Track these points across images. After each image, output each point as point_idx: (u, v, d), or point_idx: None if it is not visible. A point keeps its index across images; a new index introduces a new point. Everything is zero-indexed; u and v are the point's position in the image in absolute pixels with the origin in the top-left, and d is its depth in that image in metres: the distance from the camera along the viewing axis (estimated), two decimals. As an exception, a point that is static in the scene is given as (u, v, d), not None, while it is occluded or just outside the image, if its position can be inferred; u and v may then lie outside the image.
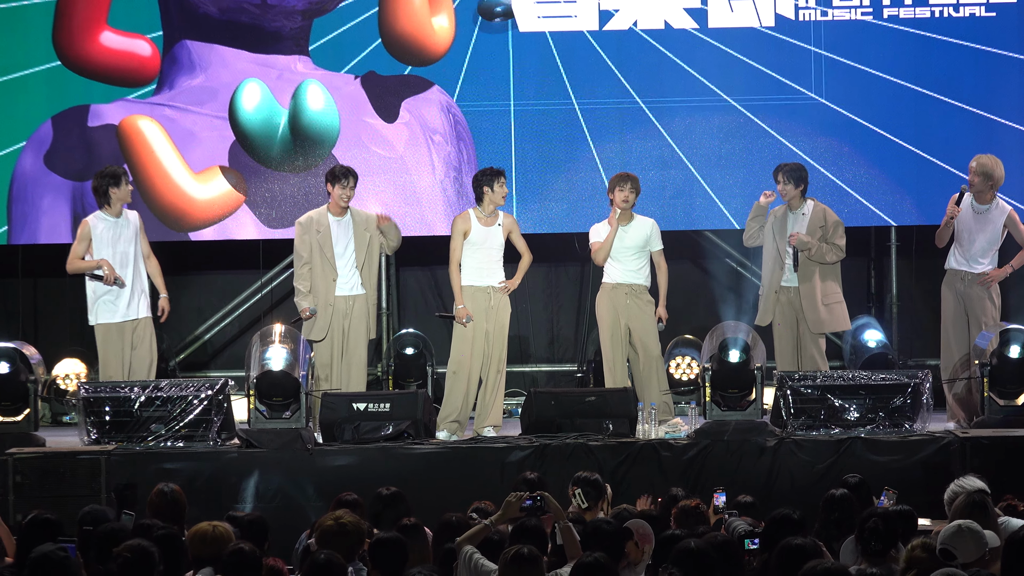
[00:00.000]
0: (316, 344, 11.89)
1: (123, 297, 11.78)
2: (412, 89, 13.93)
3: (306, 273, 11.95)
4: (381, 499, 8.71)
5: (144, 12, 13.93)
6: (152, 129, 13.85)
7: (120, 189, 11.81)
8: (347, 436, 11.21)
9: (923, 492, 10.15)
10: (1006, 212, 12.06)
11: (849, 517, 8.34)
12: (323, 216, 11.99)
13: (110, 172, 11.89)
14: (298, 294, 11.99)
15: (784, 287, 12.10)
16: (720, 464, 10.96)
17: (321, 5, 13.94)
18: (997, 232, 12.03)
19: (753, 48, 13.84)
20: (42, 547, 6.92)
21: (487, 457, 11.04)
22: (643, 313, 12.02)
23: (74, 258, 11.82)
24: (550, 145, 13.92)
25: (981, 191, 12.01)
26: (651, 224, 12.16)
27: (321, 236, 11.93)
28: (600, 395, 11.64)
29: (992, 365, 11.36)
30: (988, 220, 12.03)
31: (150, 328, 11.91)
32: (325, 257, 11.93)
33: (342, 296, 11.95)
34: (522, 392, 13.68)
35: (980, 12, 13.80)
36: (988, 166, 12.00)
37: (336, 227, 11.97)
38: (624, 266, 12.07)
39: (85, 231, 11.81)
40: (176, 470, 10.72)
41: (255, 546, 7.29)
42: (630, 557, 7.75)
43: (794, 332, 12.10)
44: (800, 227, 12.04)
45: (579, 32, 13.89)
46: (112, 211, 11.83)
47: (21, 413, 11.56)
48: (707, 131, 13.90)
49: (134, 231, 11.87)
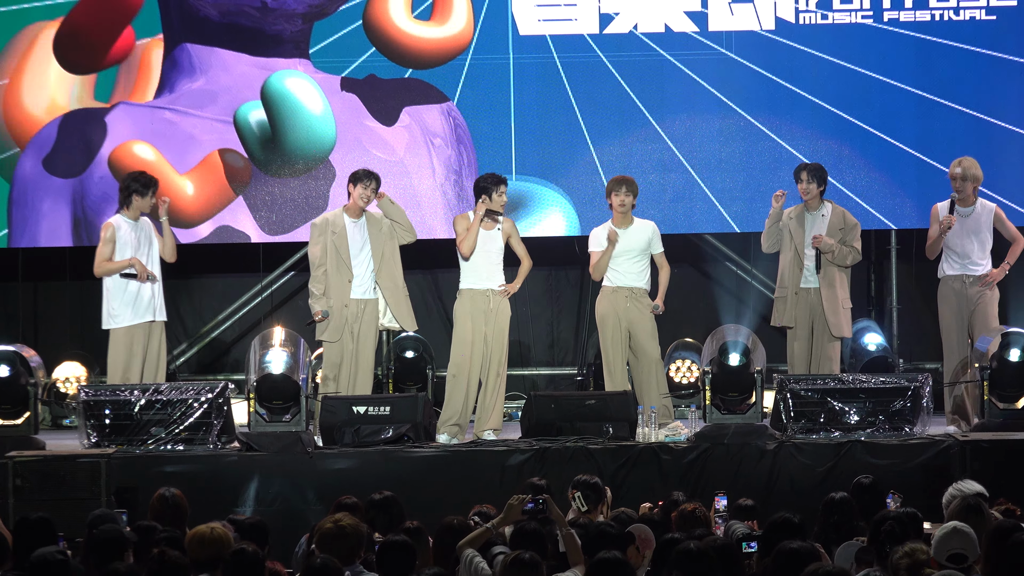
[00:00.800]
0: (327, 343, 11.91)
1: (140, 301, 11.77)
2: (412, 93, 13.94)
3: (321, 275, 11.94)
4: (374, 504, 8.70)
5: (144, 14, 13.93)
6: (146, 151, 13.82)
7: (144, 200, 11.82)
8: (347, 439, 11.20)
9: (923, 495, 10.12)
10: (991, 209, 12.08)
11: (848, 521, 8.34)
12: (339, 217, 11.99)
13: (142, 179, 11.87)
14: (312, 296, 11.98)
15: (804, 289, 12.08)
16: (720, 467, 10.95)
17: (321, 8, 13.94)
18: (988, 232, 12.05)
19: (753, 51, 13.85)
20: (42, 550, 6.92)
21: (487, 460, 11.04)
22: (643, 316, 12.02)
23: (102, 260, 11.80)
24: (550, 148, 13.92)
25: (967, 195, 12.03)
26: (651, 227, 12.16)
27: (337, 237, 11.92)
28: (600, 398, 11.63)
29: (992, 368, 11.35)
30: (977, 222, 12.04)
31: (163, 333, 11.92)
32: (341, 258, 11.92)
33: (356, 299, 11.96)
34: (522, 395, 13.67)
35: (980, 16, 13.80)
36: (973, 168, 12.02)
37: (352, 228, 11.97)
38: (624, 269, 12.06)
39: (110, 233, 11.80)
40: (176, 473, 10.72)
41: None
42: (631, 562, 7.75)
43: (810, 334, 12.08)
44: (820, 228, 12.02)
45: (579, 35, 13.89)
46: (132, 215, 11.85)
47: (21, 416, 11.55)
48: (707, 134, 13.90)
49: (149, 236, 11.88)
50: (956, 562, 6.98)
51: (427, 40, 13.92)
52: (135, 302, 11.75)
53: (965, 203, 12.05)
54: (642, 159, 13.80)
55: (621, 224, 12.11)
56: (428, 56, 13.92)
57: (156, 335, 11.86)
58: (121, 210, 11.87)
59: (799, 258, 12.07)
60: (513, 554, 6.99)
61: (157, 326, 11.86)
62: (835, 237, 11.98)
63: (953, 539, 7.05)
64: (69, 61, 13.92)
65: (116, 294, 11.77)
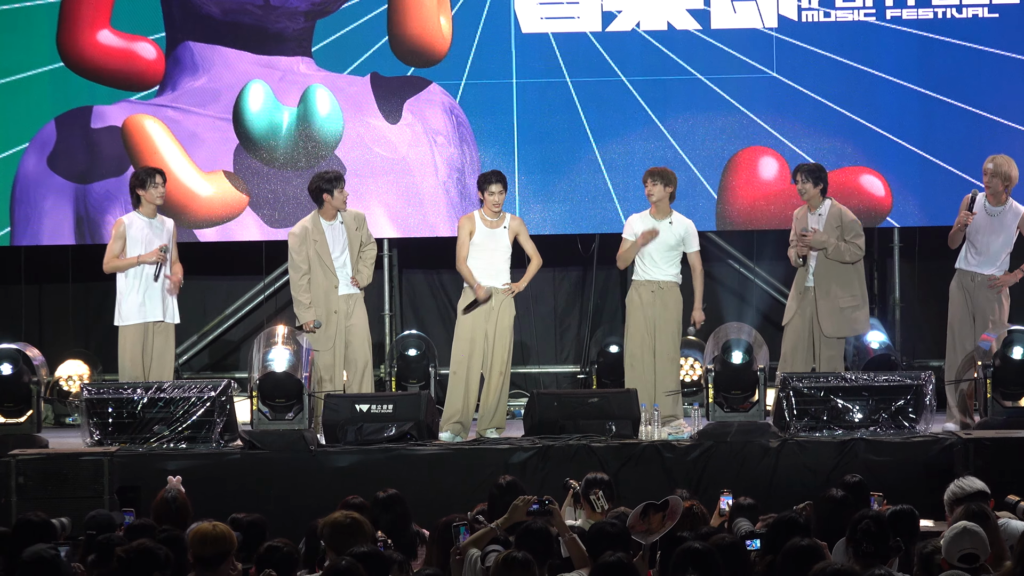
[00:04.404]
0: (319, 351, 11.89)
1: (152, 300, 11.78)
2: (415, 90, 13.93)
3: (306, 284, 11.90)
4: (379, 502, 8.69)
5: (146, 13, 13.93)
6: (156, 128, 13.86)
7: (147, 191, 11.81)
8: (350, 437, 11.21)
9: (926, 493, 10.14)
10: (1020, 213, 11.99)
11: (848, 518, 8.34)
12: (316, 223, 11.92)
13: (139, 173, 11.91)
14: (299, 306, 11.89)
15: (807, 287, 12.07)
16: (723, 465, 10.94)
17: (324, 6, 13.94)
18: (1011, 234, 11.99)
19: (756, 49, 13.84)
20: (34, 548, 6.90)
21: (490, 458, 11.04)
22: (666, 311, 11.95)
23: (111, 257, 11.81)
24: (553, 146, 13.92)
25: (997, 192, 11.96)
26: (687, 225, 12.09)
27: (318, 245, 11.88)
28: (603, 396, 11.64)
29: (995, 366, 11.34)
30: (1002, 223, 11.98)
31: (171, 335, 11.93)
32: (324, 265, 11.88)
33: (343, 296, 11.94)
34: (525, 393, 13.68)
35: (983, 13, 13.79)
36: (1004, 167, 11.95)
37: (330, 232, 11.93)
38: (653, 263, 12.02)
39: (121, 230, 11.82)
40: (179, 471, 10.69)
41: (250, 548, 7.30)
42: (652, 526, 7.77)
43: (809, 334, 12.07)
44: (818, 227, 12.02)
45: (582, 33, 13.89)
46: (145, 211, 11.85)
47: (24, 415, 11.57)
48: (710, 132, 13.89)
49: (167, 236, 11.87)
50: (968, 562, 6.96)
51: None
52: (145, 301, 11.76)
53: (996, 201, 11.98)
54: (644, 157, 13.78)
55: (657, 215, 12.08)
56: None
57: (163, 335, 11.86)
58: (136, 208, 11.89)
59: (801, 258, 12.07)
60: (505, 553, 6.99)
61: (166, 327, 11.86)
62: (832, 235, 11.97)
63: (964, 539, 7.04)
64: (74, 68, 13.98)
65: (127, 293, 11.79)
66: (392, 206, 13.76)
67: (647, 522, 7.94)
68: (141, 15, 13.94)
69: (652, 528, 7.88)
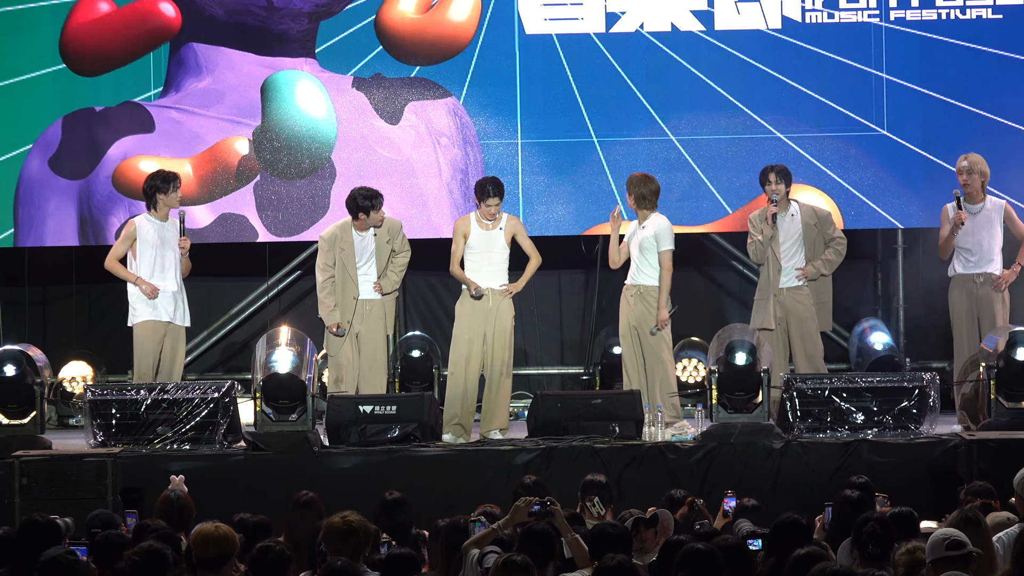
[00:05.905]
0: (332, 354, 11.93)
1: (160, 301, 11.80)
2: (418, 92, 13.93)
3: (331, 287, 11.94)
4: (384, 504, 8.69)
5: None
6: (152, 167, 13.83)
7: (168, 196, 11.85)
8: (353, 438, 11.21)
9: (930, 495, 10.14)
10: (1001, 206, 12.06)
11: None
12: (347, 231, 11.98)
13: (161, 176, 11.92)
14: (324, 307, 11.97)
15: (780, 289, 12.08)
16: (726, 467, 10.94)
17: (328, 8, 13.94)
18: (998, 228, 12.03)
19: (759, 50, 13.83)
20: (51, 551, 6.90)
21: (493, 460, 11.05)
22: (649, 315, 11.98)
23: (114, 257, 11.87)
24: (556, 147, 13.92)
25: (976, 189, 12.00)
26: (657, 222, 12.08)
27: (345, 253, 11.92)
28: (606, 398, 11.64)
29: (999, 367, 11.33)
30: (987, 218, 12.02)
31: (180, 337, 11.95)
32: (348, 275, 11.92)
33: (361, 300, 11.96)
34: (528, 395, 13.68)
35: (987, 14, 13.78)
36: (980, 163, 12.01)
37: (359, 242, 11.96)
38: (633, 266, 12.06)
39: (131, 231, 11.85)
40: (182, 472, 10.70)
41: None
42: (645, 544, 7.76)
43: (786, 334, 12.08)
44: (793, 228, 12.03)
45: (585, 34, 13.89)
46: (159, 214, 11.88)
47: (27, 416, 11.57)
48: (713, 133, 13.89)
49: (177, 233, 11.90)
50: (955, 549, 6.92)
51: (429, 32, 13.91)
52: (157, 303, 11.80)
53: (973, 200, 12.02)
54: (648, 158, 13.79)
55: (640, 218, 12.11)
56: (429, 49, 13.91)
57: (172, 337, 11.88)
58: (149, 210, 11.91)
59: (776, 260, 12.06)
60: (505, 555, 6.98)
61: (176, 328, 11.89)
62: (810, 235, 12.00)
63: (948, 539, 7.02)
64: (77, 66, 13.94)
65: (136, 293, 11.83)
66: (396, 207, 13.74)
67: (640, 539, 7.95)
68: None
69: (646, 546, 7.87)
